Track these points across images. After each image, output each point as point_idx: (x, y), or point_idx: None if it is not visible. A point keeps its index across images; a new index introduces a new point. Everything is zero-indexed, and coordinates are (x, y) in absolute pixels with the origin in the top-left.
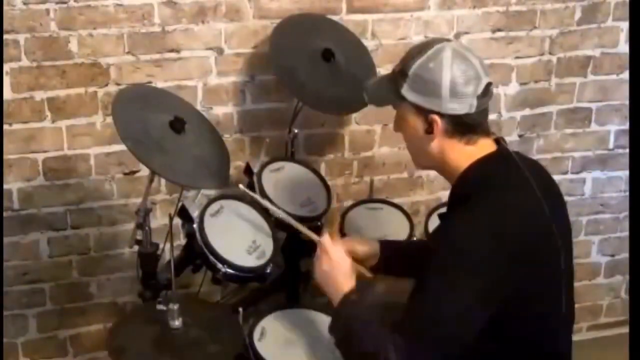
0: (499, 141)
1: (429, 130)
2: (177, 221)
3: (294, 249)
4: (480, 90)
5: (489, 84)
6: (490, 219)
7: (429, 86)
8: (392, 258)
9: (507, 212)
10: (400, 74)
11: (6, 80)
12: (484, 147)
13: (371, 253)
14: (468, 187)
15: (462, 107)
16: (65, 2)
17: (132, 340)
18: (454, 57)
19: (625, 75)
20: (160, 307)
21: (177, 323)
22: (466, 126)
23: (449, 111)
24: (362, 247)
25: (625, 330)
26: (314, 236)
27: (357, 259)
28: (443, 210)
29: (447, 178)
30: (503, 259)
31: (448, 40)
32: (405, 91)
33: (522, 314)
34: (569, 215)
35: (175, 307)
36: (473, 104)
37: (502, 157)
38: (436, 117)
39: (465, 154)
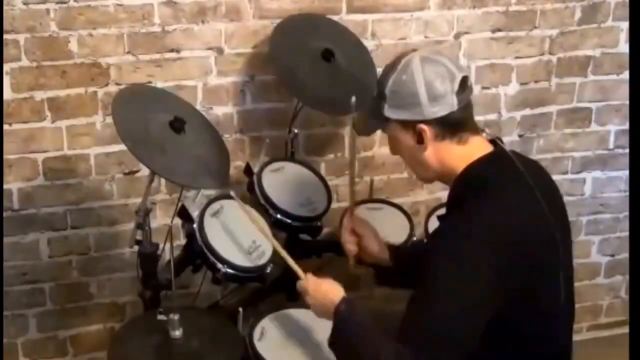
0: (495, 142)
1: (420, 140)
2: (177, 221)
3: (294, 249)
4: (456, 86)
5: (464, 79)
6: (487, 221)
7: (407, 98)
8: (398, 267)
9: (504, 213)
10: (378, 97)
11: (6, 80)
12: (477, 146)
13: (377, 253)
14: (465, 188)
15: (443, 107)
16: (65, 2)
17: (133, 350)
18: (423, 62)
19: (625, 75)
20: (161, 317)
21: (177, 333)
22: (453, 125)
23: (432, 116)
24: (371, 243)
25: (625, 330)
26: (299, 272)
27: (359, 247)
28: (442, 211)
29: (448, 183)
30: (502, 260)
31: (414, 50)
32: (387, 111)
33: (522, 312)
34: (567, 214)
35: (176, 317)
36: (454, 102)
37: (498, 158)
38: (423, 126)
39: (459, 155)
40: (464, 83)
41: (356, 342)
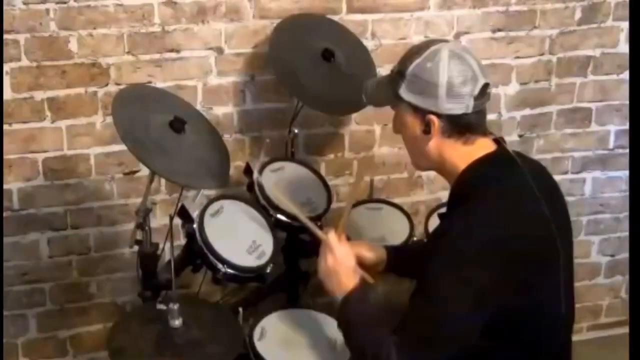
0: (498, 141)
1: (427, 130)
2: (177, 221)
3: (294, 249)
4: (477, 91)
5: (486, 85)
6: (489, 220)
7: (426, 86)
8: (399, 266)
9: (505, 212)
10: (398, 74)
11: (6, 80)
12: (483, 146)
13: (378, 260)
14: (466, 187)
15: (458, 107)
16: (65, 2)
17: (132, 340)
18: (451, 57)
19: (625, 75)
20: (161, 306)
21: (177, 323)
22: (463, 126)
23: (445, 111)
24: (369, 254)
25: (625, 330)
26: (319, 232)
27: (363, 265)
28: (443, 210)
29: (446, 178)
30: (501, 259)
31: (446, 41)
32: (403, 92)
33: (521, 313)
34: (569, 215)
35: (176, 306)
36: (470, 105)
37: (501, 157)
38: (433, 117)
39: (463, 154)
40: (485, 89)
41: (361, 329)
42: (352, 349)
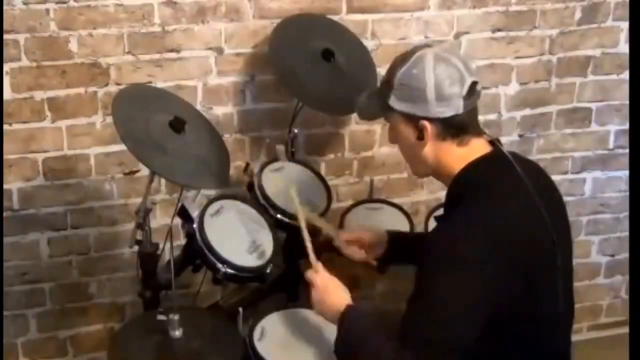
0: (493, 142)
1: (420, 136)
2: (177, 221)
3: (294, 249)
4: (465, 90)
5: (474, 83)
6: (484, 221)
7: (415, 93)
8: (398, 249)
9: (500, 213)
10: (386, 85)
11: (6, 80)
12: (477, 148)
13: (378, 242)
14: (462, 189)
15: (449, 109)
16: (65, 2)
17: (133, 350)
18: (436, 60)
19: (625, 75)
20: (161, 317)
21: (177, 333)
22: (456, 128)
23: (437, 115)
24: (369, 236)
25: (625, 330)
26: (312, 258)
27: (362, 245)
28: (440, 212)
29: (444, 182)
30: (497, 260)
31: (429, 45)
32: (393, 101)
33: (519, 313)
34: (567, 215)
35: (176, 317)
36: (460, 105)
37: (496, 158)
38: (425, 123)
39: (458, 156)
40: (473, 88)
41: (358, 345)
42: None
